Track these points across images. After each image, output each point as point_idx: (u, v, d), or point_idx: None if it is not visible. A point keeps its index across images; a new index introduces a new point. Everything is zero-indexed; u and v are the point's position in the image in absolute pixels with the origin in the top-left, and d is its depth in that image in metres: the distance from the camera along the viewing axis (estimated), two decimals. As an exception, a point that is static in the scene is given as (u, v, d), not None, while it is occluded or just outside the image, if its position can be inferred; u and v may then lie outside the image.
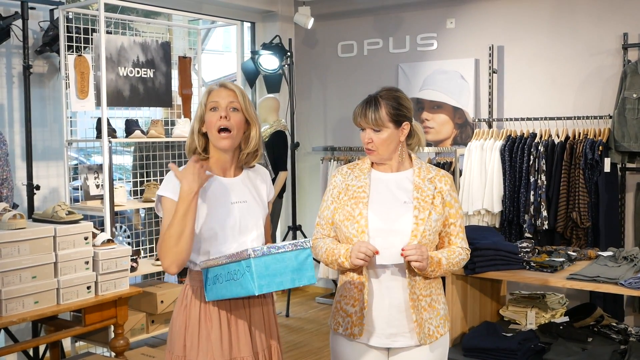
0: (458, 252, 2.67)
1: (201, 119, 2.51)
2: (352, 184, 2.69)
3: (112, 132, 4.68)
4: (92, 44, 4.80)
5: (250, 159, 2.61)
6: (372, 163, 2.75)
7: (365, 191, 2.65)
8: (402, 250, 2.50)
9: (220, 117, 2.45)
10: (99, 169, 4.77)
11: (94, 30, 4.78)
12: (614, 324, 4.21)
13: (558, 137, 5.37)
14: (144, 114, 5.72)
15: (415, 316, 2.58)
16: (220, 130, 2.46)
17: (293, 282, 2.30)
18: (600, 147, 5.09)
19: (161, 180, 5.25)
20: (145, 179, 5.29)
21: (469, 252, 2.75)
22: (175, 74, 5.37)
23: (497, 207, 5.48)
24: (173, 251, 2.34)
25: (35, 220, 3.93)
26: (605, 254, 4.24)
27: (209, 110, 2.48)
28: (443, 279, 2.83)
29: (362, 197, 2.64)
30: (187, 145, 2.57)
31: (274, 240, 2.74)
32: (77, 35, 4.78)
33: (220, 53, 12.90)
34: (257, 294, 2.24)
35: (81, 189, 4.81)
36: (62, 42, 4.69)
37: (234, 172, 2.58)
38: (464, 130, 6.14)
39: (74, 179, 5.07)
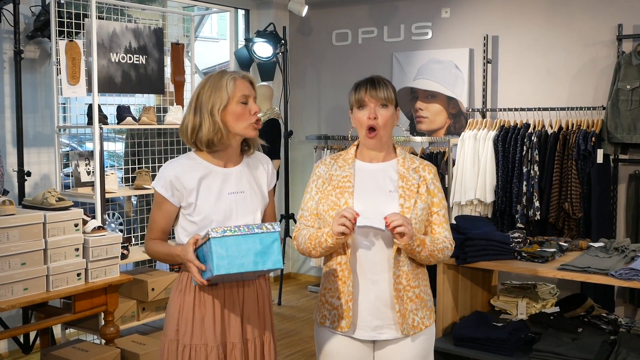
0: (442, 239, 2.63)
1: (223, 108, 2.47)
2: (336, 174, 2.64)
3: (103, 119, 4.65)
4: (83, 30, 4.77)
5: (251, 148, 2.65)
6: (356, 153, 2.71)
7: (350, 181, 2.61)
8: (385, 219, 2.44)
9: (255, 112, 2.51)
10: (90, 155, 4.74)
11: (85, 16, 4.75)
12: (604, 315, 4.22)
13: (551, 128, 5.37)
14: (136, 101, 5.69)
15: (399, 306, 2.55)
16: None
17: (256, 265, 2.28)
18: (593, 138, 5.08)
19: (153, 168, 5.26)
20: (137, 166, 5.26)
21: (454, 244, 2.70)
22: (168, 60, 5.35)
23: (489, 197, 5.47)
24: (151, 255, 2.62)
25: (25, 206, 3.91)
26: (596, 244, 4.25)
27: (239, 102, 2.48)
28: (430, 270, 2.80)
29: (347, 187, 2.59)
30: (206, 137, 2.48)
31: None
32: (68, 20, 4.74)
33: (215, 41, 12.87)
34: (215, 274, 2.25)
35: (72, 176, 4.79)
36: (54, 28, 4.65)
37: (234, 162, 2.60)
38: (457, 120, 6.13)
39: (66, 165, 5.05)
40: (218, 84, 2.48)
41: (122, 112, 4.88)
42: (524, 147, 5.34)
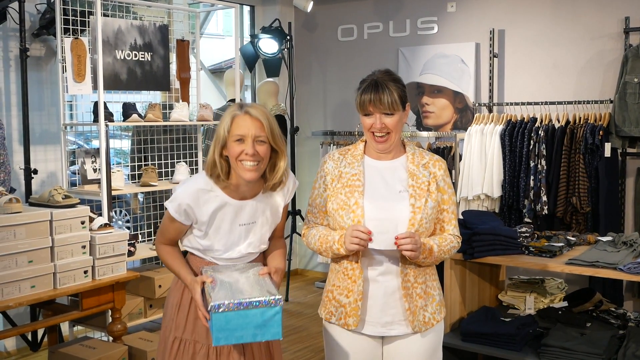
0: (450, 239, 2.61)
1: (223, 145, 2.43)
2: (346, 172, 2.60)
3: (109, 116, 4.65)
4: (89, 27, 4.76)
5: (276, 188, 2.57)
6: (365, 149, 2.66)
7: (360, 179, 2.56)
8: (396, 238, 2.43)
9: (246, 153, 2.38)
10: (96, 152, 4.74)
11: (90, 13, 4.74)
12: (613, 309, 4.20)
13: (558, 122, 5.34)
14: (142, 98, 5.69)
15: (408, 304, 2.54)
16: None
17: (254, 337, 2.28)
18: (600, 132, 5.05)
19: (159, 165, 5.26)
20: (143, 163, 5.26)
21: (460, 239, 2.69)
22: (173, 57, 5.34)
23: (496, 192, 5.46)
24: (162, 261, 2.64)
25: (31, 204, 3.91)
26: (604, 239, 4.22)
27: (234, 140, 2.40)
28: (437, 265, 2.78)
29: (357, 186, 2.55)
30: (208, 167, 2.46)
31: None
32: (74, 18, 4.74)
33: (221, 37, 12.86)
34: (213, 345, 2.28)
35: (78, 173, 4.79)
36: (59, 25, 4.65)
37: (251, 195, 2.55)
38: (464, 115, 6.11)
39: (72, 163, 5.06)
40: (222, 119, 2.44)
41: (128, 109, 4.88)
42: (531, 141, 5.31)
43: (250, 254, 2.60)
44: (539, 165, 5.26)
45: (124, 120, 4.87)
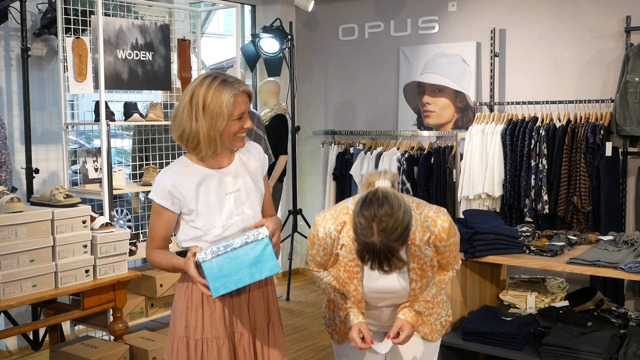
0: (448, 277, 2.61)
1: (224, 124, 2.42)
2: (343, 254, 2.50)
3: (110, 116, 4.65)
4: (90, 27, 4.77)
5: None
6: None
7: (358, 264, 2.47)
8: (392, 340, 2.49)
9: (245, 127, 2.47)
10: (97, 152, 4.75)
11: (92, 13, 4.75)
12: (614, 308, 4.20)
13: (559, 121, 5.34)
14: (143, 97, 5.69)
15: (422, 334, 2.61)
16: None
17: (252, 277, 2.28)
18: (601, 131, 5.05)
19: (160, 164, 5.26)
20: (144, 162, 5.27)
21: (459, 265, 2.66)
22: (174, 57, 5.34)
23: (497, 191, 5.45)
24: (155, 266, 2.61)
25: (33, 203, 3.92)
26: (605, 238, 4.22)
27: (235, 119, 2.43)
28: None
29: (356, 272, 2.49)
30: (205, 144, 2.42)
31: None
32: (75, 17, 4.74)
33: (222, 37, 12.86)
34: (214, 297, 2.29)
35: (80, 173, 4.80)
36: (60, 25, 4.66)
37: (228, 162, 2.58)
38: (465, 114, 6.11)
39: (74, 162, 5.06)
40: (219, 98, 2.39)
41: (129, 109, 4.89)
42: (532, 140, 5.31)
43: (246, 229, 2.54)
44: (540, 165, 5.26)
45: (125, 120, 4.87)
